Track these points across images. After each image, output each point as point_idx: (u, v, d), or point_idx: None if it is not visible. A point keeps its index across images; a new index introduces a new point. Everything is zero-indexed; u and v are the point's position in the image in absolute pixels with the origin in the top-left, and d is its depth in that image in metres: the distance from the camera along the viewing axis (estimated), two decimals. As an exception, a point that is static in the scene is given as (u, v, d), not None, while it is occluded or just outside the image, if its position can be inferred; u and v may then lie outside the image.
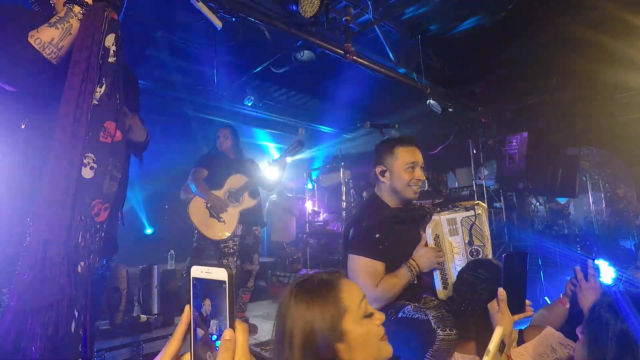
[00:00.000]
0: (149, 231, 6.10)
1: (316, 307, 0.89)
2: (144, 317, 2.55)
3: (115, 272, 2.59)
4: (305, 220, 6.36)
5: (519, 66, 5.12)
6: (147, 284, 2.88)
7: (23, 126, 1.18)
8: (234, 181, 3.33)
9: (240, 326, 0.49)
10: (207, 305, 0.50)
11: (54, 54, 1.11)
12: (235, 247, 3.26)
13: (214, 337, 0.49)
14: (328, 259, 5.70)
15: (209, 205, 3.24)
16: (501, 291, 1.16)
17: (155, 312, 2.81)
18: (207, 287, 0.49)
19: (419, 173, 1.85)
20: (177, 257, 6.15)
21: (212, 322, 0.49)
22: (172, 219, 6.38)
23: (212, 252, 3.60)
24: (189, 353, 0.51)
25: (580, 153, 6.84)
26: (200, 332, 0.50)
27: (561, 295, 1.52)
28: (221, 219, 3.22)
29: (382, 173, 1.89)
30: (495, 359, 0.84)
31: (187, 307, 0.52)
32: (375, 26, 4.17)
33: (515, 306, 1.14)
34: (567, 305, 1.49)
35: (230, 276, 0.47)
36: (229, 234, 3.22)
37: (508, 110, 5.75)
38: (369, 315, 0.94)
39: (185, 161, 5.74)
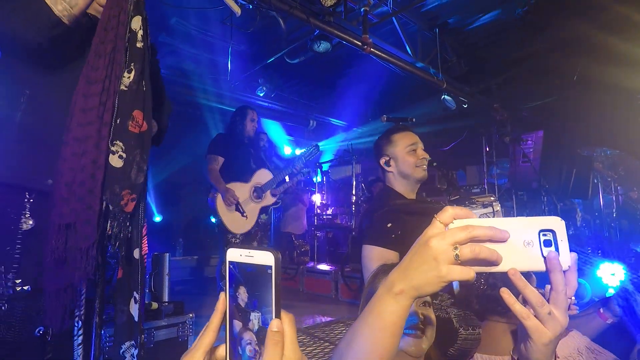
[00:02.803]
0: (157, 219, 6.11)
1: None
2: (155, 305, 2.54)
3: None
4: (314, 213, 6.34)
5: (536, 64, 5.02)
6: (158, 272, 2.87)
7: (22, 101, 1.14)
8: (261, 176, 3.33)
9: (287, 317, 0.43)
10: (243, 293, 0.45)
11: (67, 11, 1.04)
12: (241, 237, 3.27)
13: (256, 330, 0.44)
14: (336, 252, 5.68)
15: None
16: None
17: (166, 300, 2.79)
18: (246, 273, 0.44)
19: (422, 152, 1.86)
20: (185, 246, 6.18)
21: (252, 314, 0.44)
22: (182, 208, 6.40)
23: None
24: (223, 345, 0.46)
25: (594, 154, 6.74)
26: (237, 324, 0.45)
27: (602, 309, 1.42)
28: (244, 214, 3.20)
29: (387, 163, 1.90)
30: None
31: (222, 295, 0.46)
32: (393, 18, 4.10)
33: None
34: (610, 321, 1.39)
35: (277, 260, 0.42)
36: (249, 229, 3.22)
37: (524, 108, 5.66)
38: None
39: (195, 149, 5.74)
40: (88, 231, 1.00)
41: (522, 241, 0.53)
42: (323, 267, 5.00)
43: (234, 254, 0.45)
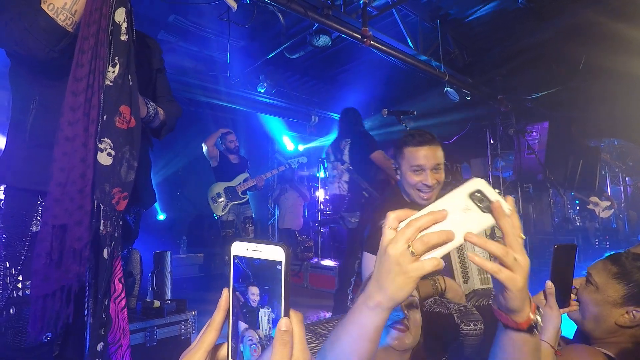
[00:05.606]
0: (161, 217, 6.12)
1: None
2: (157, 303, 2.53)
3: (129, 256, 2.58)
4: (317, 208, 6.32)
5: (541, 53, 4.93)
6: (161, 270, 2.87)
7: (32, 107, 1.13)
8: None
9: (296, 316, 0.41)
10: (250, 290, 0.43)
11: (69, 19, 1.02)
12: None
13: (263, 328, 0.42)
14: (340, 247, 5.66)
15: None
16: (549, 284, 1.06)
17: (169, 298, 2.79)
18: (254, 268, 0.42)
19: (427, 177, 1.65)
20: (189, 243, 6.18)
21: (260, 311, 0.42)
22: (184, 206, 6.40)
23: None
24: (226, 343, 0.44)
25: (601, 145, 6.63)
26: (242, 322, 0.43)
27: None
28: None
29: (396, 170, 1.80)
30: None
31: (225, 291, 0.45)
32: (393, 10, 4.03)
33: (561, 300, 1.06)
34: None
35: (287, 255, 0.40)
36: None
37: (528, 99, 5.57)
38: None
39: (197, 147, 5.73)
40: (81, 232, 0.99)
41: (461, 210, 0.57)
42: (327, 262, 4.98)
43: (240, 248, 0.43)
